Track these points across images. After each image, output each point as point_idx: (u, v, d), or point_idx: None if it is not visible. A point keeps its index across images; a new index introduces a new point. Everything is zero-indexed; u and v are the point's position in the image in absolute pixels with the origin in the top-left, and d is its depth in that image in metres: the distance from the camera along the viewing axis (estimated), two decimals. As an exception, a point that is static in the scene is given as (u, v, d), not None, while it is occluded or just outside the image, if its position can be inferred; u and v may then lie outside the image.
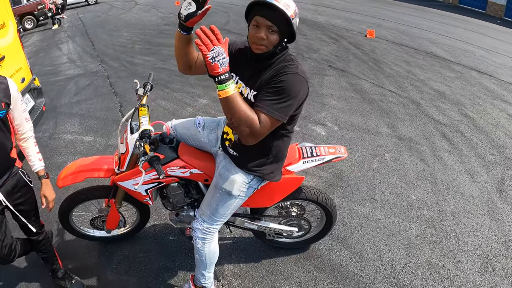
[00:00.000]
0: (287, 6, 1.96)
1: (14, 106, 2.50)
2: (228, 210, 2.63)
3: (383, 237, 3.74)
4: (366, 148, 5.36)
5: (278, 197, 2.89)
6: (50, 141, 5.90)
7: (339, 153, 2.93)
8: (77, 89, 8.34)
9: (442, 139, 5.66)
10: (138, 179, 2.68)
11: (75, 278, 3.29)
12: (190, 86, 7.93)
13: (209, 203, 2.63)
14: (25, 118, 2.64)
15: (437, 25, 15.68)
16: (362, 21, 15.10)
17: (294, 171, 2.84)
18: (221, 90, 1.92)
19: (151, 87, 2.94)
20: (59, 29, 16.76)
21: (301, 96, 2.06)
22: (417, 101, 7.01)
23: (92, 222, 3.43)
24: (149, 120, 2.65)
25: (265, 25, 1.99)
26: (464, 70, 9.14)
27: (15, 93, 2.49)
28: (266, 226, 3.19)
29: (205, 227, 2.69)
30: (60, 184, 2.93)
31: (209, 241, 2.75)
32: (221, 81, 1.90)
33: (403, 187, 4.50)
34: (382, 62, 9.41)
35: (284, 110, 2.03)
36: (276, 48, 2.07)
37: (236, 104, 1.95)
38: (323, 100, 7.04)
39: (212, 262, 2.86)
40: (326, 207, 3.10)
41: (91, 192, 3.16)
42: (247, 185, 2.54)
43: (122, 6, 22.73)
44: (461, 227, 3.90)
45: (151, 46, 11.75)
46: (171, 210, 3.14)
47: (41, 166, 2.73)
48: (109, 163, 3.00)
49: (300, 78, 2.04)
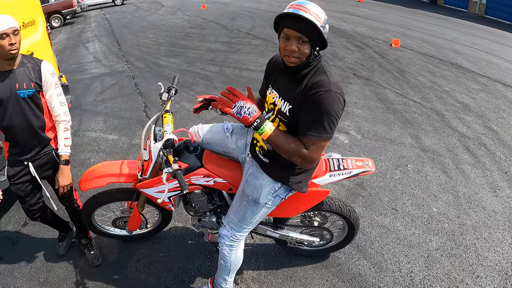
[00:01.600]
0: (316, 15, 1.93)
1: (46, 88, 2.79)
2: (255, 218, 2.62)
3: (403, 249, 3.72)
4: (389, 158, 5.33)
5: (303, 209, 2.88)
6: (74, 138, 6.00)
7: (366, 167, 2.87)
8: (102, 88, 8.47)
9: (465, 152, 5.60)
10: (162, 187, 2.71)
11: (95, 250, 3.61)
12: (215, 89, 7.98)
13: (236, 211, 2.62)
14: (60, 102, 2.89)
15: (463, 35, 15.49)
16: (387, 29, 15.01)
17: (319, 184, 2.81)
18: (261, 134, 2.08)
19: (176, 91, 2.95)
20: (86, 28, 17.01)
21: (338, 111, 2.03)
22: (441, 113, 6.95)
23: (114, 222, 3.50)
24: (173, 127, 2.61)
25: (295, 36, 1.97)
26: (489, 83, 9.02)
27: (49, 76, 2.77)
28: (288, 235, 3.18)
29: (232, 234, 2.69)
30: (83, 187, 2.99)
31: (236, 248, 2.76)
32: (256, 127, 2.06)
33: (424, 198, 4.46)
34: (407, 72, 9.34)
35: (327, 129, 2.03)
36: (309, 58, 2.04)
37: (279, 140, 2.09)
38: (347, 108, 7.00)
39: (236, 268, 2.88)
40: (349, 219, 3.08)
41: (114, 194, 3.20)
42: (274, 193, 2.52)
43: (148, 7, 22.98)
44: (481, 242, 3.86)
45: (176, 48, 11.86)
46: (194, 216, 3.15)
47: (65, 151, 2.91)
48: (132, 168, 3.02)
49: (334, 95, 1.99)
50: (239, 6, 21.25)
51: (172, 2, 24.63)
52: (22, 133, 2.74)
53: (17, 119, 2.69)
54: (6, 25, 2.43)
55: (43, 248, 3.75)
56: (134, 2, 26.48)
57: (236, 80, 8.65)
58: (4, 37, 2.43)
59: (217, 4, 22.37)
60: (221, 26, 15.31)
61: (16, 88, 2.62)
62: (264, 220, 3.17)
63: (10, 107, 2.64)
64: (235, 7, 21.06)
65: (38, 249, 3.75)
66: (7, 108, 2.63)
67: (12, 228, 4.05)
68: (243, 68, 9.59)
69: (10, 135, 2.73)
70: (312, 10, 1.93)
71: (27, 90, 2.66)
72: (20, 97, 2.64)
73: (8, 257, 3.67)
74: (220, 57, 10.67)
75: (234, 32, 13.99)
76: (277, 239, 3.35)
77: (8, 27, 2.44)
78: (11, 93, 2.61)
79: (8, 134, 2.74)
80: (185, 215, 4.08)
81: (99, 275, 3.45)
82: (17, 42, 2.52)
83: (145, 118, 6.64)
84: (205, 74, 9.15)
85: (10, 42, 2.46)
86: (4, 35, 2.43)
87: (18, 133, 2.73)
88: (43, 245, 3.79)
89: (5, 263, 3.60)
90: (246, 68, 9.58)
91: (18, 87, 2.62)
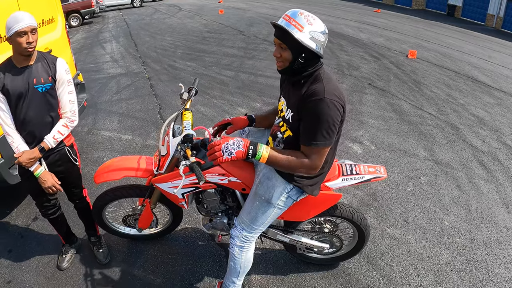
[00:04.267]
0: (298, 24, 2.10)
1: (60, 84, 2.84)
2: (267, 219, 2.65)
3: (413, 261, 3.69)
4: (402, 170, 5.30)
5: (314, 212, 2.89)
6: (88, 136, 6.07)
7: (378, 173, 2.89)
8: (118, 88, 8.56)
9: (479, 166, 5.55)
10: (177, 182, 2.74)
11: (103, 248, 3.63)
12: (230, 94, 8.02)
13: (248, 211, 2.65)
14: (69, 100, 2.93)
15: (479, 49, 15.40)
16: (403, 40, 14.97)
17: (332, 188, 2.83)
18: (259, 159, 2.22)
19: (196, 92, 3.00)
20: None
21: (335, 117, 2.13)
22: (456, 126, 6.90)
23: (125, 219, 3.53)
24: (192, 125, 2.71)
25: (277, 43, 2.21)
26: (505, 97, 8.93)
27: (63, 72, 2.84)
28: (298, 240, 3.18)
29: (243, 235, 2.71)
30: (98, 180, 3.04)
31: (246, 250, 2.78)
32: (253, 155, 2.21)
33: (436, 212, 4.43)
34: (423, 84, 9.29)
35: (326, 136, 2.14)
36: (294, 64, 2.20)
37: (278, 160, 2.23)
38: (362, 118, 7.01)
39: (245, 270, 2.89)
40: (360, 226, 3.08)
41: (127, 190, 3.23)
42: (286, 194, 2.56)
43: (166, 10, 23.19)
44: (492, 258, 3.81)
45: (193, 52, 11.95)
46: (205, 216, 3.18)
47: (48, 141, 2.82)
48: (148, 163, 3.06)
49: (328, 102, 2.10)
50: (256, 12, 21.37)
51: (190, 6, 24.85)
52: (37, 127, 2.78)
53: (34, 113, 2.74)
54: (25, 23, 2.49)
55: (52, 244, 3.79)
56: (153, 5, 26.76)
57: (251, 86, 8.69)
58: (22, 35, 2.49)
59: (234, 10, 22.52)
60: (238, 31, 15.39)
61: (34, 83, 2.69)
62: (274, 224, 3.19)
63: (28, 101, 2.70)
64: (252, 13, 21.18)
65: (46, 244, 3.80)
66: (25, 102, 2.69)
67: (22, 222, 4.11)
68: (259, 74, 9.62)
69: (26, 129, 2.77)
70: (293, 18, 2.12)
71: (45, 84, 2.73)
72: (38, 91, 2.71)
73: (16, 250, 3.72)
74: (236, 62, 10.74)
75: (250, 38, 14.06)
76: (287, 245, 3.34)
77: (27, 25, 2.49)
78: (29, 87, 2.68)
79: (23, 129, 2.77)
80: (195, 218, 4.10)
81: (106, 273, 3.48)
82: (34, 41, 2.57)
83: (160, 119, 6.69)
84: (221, 79, 9.20)
85: (27, 41, 2.52)
86: (22, 33, 2.49)
87: (34, 128, 2.78)
88: (52, 240, 3.82)
89: (13, 256, 3.65)
90: (261, 74, 9.61)
91: (35, 81, 2.69)
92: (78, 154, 3.20)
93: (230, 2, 27.29)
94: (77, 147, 3.23)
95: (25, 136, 2.79)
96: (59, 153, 2.98)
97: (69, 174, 3.13)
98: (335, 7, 27.19)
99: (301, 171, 2.25)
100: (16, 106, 2.69)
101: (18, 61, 2.66)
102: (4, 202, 4.44)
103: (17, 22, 2.47)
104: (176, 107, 7.16)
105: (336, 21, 19.14)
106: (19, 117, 2.72)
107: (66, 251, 3.58)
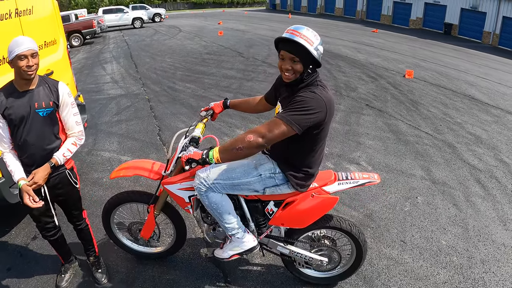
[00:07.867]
0: (307, 38, 2.30)
1: (62, 108, 2.92)
2: (241, 178, 2.76)
3: (410, 281, 3.70)
4: (399, 190, 5.33)
5: (313, 217, 2.96)
6: (88, 157, 6.13)
7: (372, 179, 3.02)
8: (118, 109, 8.65)
9: (476, 185, 5.58)
10: (186, 184, 2.95)
11: (102, 268, 3.65)
12: (229, 116, 8.08)
13: (232, 162, 2.79)
14: (75, 122, 3.02)
15: (476, 66, 15.54)
16: (401, 60, 15.12)
17: (329, 192, 2.95)
18: (212, 162, 2.48)
19: (212, 115, 3.42)
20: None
21: (315, 112, 2.33)
22: (453, 145, 6.95)
23: (130, 227, 3.60)
24: (202, 132, 3.04)
25: (289, 57, 2.36)
26: (502, 114, 9.01)
27: (65, 96, 2.92)
28: (297, 252, 3.21)
29: (205, 175, 2.77)
30: (112, 176, 3.28)
31: (212, 193, 2.80)
32: (206, 156, 2.48)
33: (433, 231, 4.45)
34: (420, 104, 9.38)
35: (295, 118, 2.31)
36: (303, 75, 2.41)
37: (226, 146, 2.44)
38: (359, 139, 7.06)
39: (221, 212, 2.85)
40: (358, 240, 3.13)
41: (134, 194, 3.40)
42: (272, 173, 2.73)
43: (166, 32, 23.45)
44: (490, 276, 3.82)
45: (192, 74, 12.08)
46: (209, 225, 3.27)
47: (58, 157, 2.89)
48: (160, 167, 3.25)
49: (316, 97, 2.33)
50: (255, 34, 21.60)
51: (190, 28, 25.13)
52: (37, 151, 2.83)
53: (35, 136, 2.80)
54: (25, 47, 2.57)
55: (51, 263, 3.81)
56: (153, 26, 27.06)
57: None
58: (22, 58, 2.57)
59: (233, 31, 22.77)
60: (237, 53, 15.57)
61: (36, 107, 2.76)
62: (275, 235, 3.24)
63: (29, 125, 2.76)
64: (251, 34, 21.42)
65: (45, 263, 3.82)
66: (26, 126, 2.76)
67: (21, 240, 4.14)
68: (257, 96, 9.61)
69: (26, 153, 2.82)
70: (303, 33, 2.31)
71: (46, 108, 2.80)
72: (39, 115, 2.78)
73: (15, 269, 3.75)
74: (235, 84, 10.86)
75: (249, 60, 14.23)
76: (286, 257, 3.34)
77: (27, 49, 2.58)
78: (30, 111, 2.74)
79: (23, 152, 2.82)
80: (194, 239, 4.12)
81: (104, 294, 3.50)
82: (34, 65, 2.65)
83: (159, 141, 6.76)
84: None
85: (27, 64, 2.60)
86: (22, 56, 2.57)
87: (34, 151, 2.82)
88: (51, 259, 3.84)
89: (12, 274, 3.68)
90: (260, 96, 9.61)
91: (37, 106, 2.76)
92: (78, 177, 3.26)
93: (229, 24, 27.67)
94: (77, 168, 3.30)
95: (25, 159, 2.84)
96: (59, 176, 3.02)
97: (69, 197, 3.18)
98: (334, 28, 27.48)
99: (249, 138, 2.35)
100: (17, 129, 2.75)
101: (20, 85, 2.74)
102: (4, 220, 4.48)
103: (18, 46, 2.56)
104: (176, 128, 7.24)
105: (333, 42, 19.36)
106: (19, 140, 2.78)
107: (65, 270, 3.59)
